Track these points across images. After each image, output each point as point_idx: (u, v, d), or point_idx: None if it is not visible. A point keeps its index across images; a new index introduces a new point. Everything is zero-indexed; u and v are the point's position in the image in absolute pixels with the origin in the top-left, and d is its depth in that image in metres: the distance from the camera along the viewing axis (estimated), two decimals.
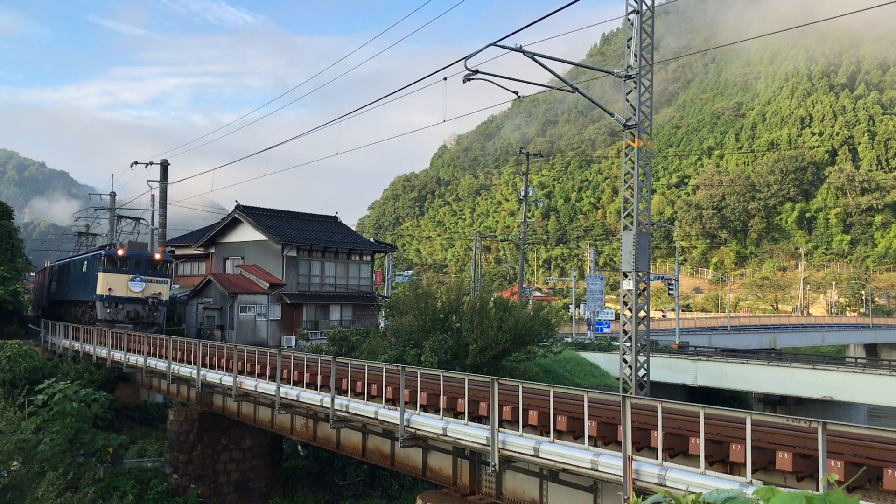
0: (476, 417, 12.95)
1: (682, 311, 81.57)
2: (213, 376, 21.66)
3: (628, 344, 20.74)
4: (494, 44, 16.82)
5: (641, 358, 20.85)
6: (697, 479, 9.01)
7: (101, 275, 35.14)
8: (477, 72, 16.58)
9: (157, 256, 37.05)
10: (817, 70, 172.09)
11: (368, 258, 47.72)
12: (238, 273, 43.26)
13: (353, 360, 16.66)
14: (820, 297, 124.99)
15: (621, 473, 9.73)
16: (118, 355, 28.78)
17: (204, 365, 22.27)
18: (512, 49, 17.09)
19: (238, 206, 44.68)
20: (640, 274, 20.43)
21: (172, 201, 48.87)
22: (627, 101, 20.50)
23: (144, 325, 35.27)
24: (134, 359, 27.43)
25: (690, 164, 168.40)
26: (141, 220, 55.05)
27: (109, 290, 34.97)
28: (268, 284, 40.91)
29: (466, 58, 16.57)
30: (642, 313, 20.79)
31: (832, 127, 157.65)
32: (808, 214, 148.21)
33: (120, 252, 35.94)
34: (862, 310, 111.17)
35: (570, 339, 49.53)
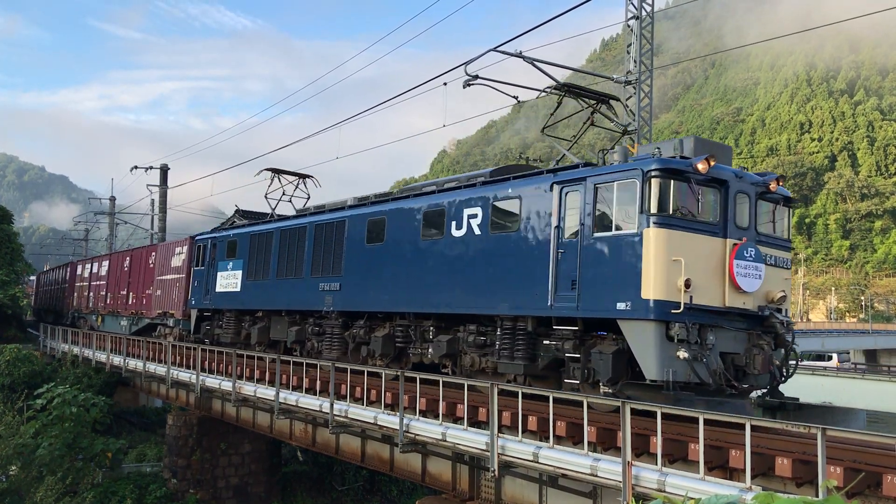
0: (475, 423, 12.93)
1: None
2: (212, 381, 21.64)
3: None
4: (495, 49, 16.86)
5: None
6: (697, 484, 9.00)
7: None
8: (477, 77, 16.60)
9: (773, 185, 13.45)
10: (816, 76, 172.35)
11: None
12: None
13: (353, 365, 16.62)
14: (819, 303, 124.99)
15: (621, 479, 9.72)
16: (117, 359, 28.74)
17: (203, 369, 22.26)
18: (512, 55, 17.12)
19: (238, 211, 44.61)
20: None
21: (172, 206, 48.84)
22: (627, 106, 20.54)
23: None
24: (133, 363, 27.37)
25: None
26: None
27: (686, 284, 11.02)
28: None
29: (467, 63, 16.60)
30: None
31: (831, 132, 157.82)
32: (807, 220, 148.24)
33: (700, 165, 11.67)
34: (861, 315, 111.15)
35: None
